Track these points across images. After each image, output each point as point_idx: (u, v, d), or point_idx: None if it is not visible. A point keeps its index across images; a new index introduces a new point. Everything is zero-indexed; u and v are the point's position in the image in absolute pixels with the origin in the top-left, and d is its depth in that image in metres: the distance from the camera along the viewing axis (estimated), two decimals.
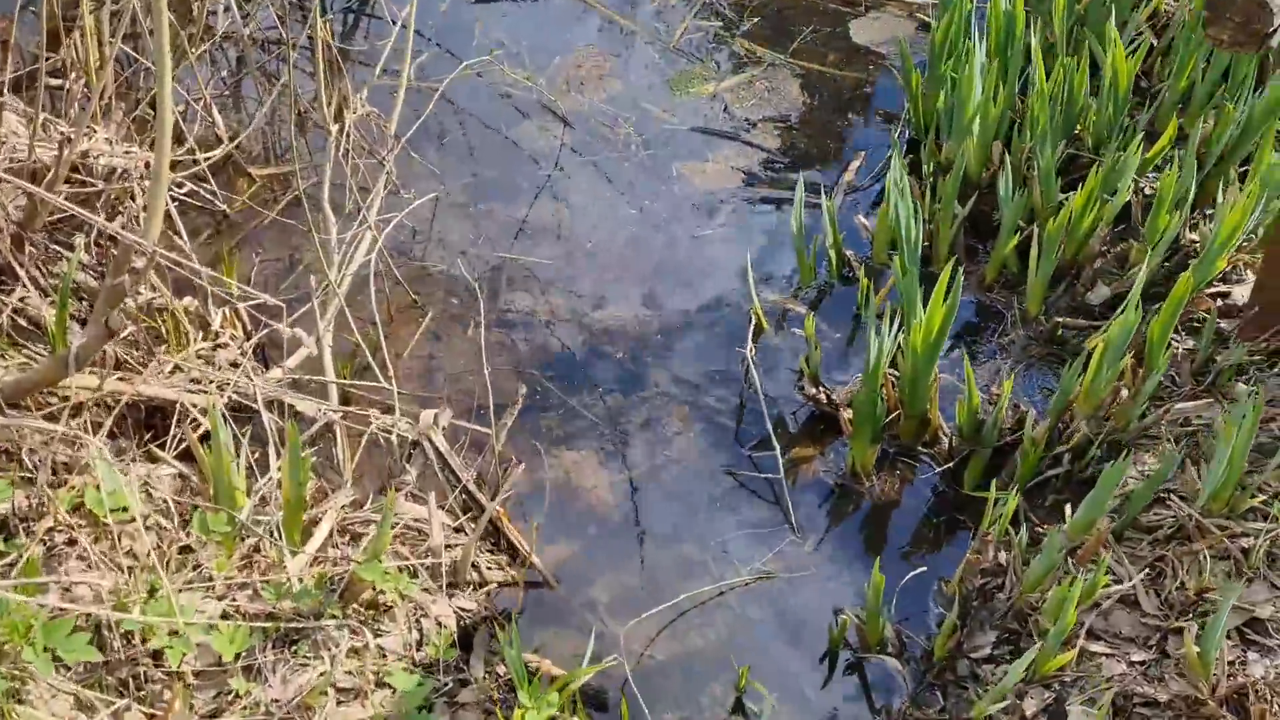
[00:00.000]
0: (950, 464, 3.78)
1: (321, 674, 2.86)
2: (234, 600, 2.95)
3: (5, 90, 3.82)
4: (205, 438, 3.30)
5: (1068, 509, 3.57)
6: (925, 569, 3.49)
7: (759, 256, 4.51)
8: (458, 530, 3.42)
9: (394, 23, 4.91)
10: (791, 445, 3.94)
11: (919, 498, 3.81)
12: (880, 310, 4.27)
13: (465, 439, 3.83)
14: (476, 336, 4.23)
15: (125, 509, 2.98)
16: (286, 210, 4.59)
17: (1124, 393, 3.69)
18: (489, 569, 3.36)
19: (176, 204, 4.33)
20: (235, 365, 3.60)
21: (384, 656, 2.98)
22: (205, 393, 3.47)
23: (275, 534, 3.11)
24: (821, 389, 3.87)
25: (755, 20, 5.60)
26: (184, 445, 3.38)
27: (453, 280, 4.44)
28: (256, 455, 3.64)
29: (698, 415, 4.04)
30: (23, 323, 3.61)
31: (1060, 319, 4.16)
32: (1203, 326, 3.85)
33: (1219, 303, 4.05)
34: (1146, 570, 3.23)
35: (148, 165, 3.88)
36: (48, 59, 4.02)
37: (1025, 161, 4.47)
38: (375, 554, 2.93)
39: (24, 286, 3.55)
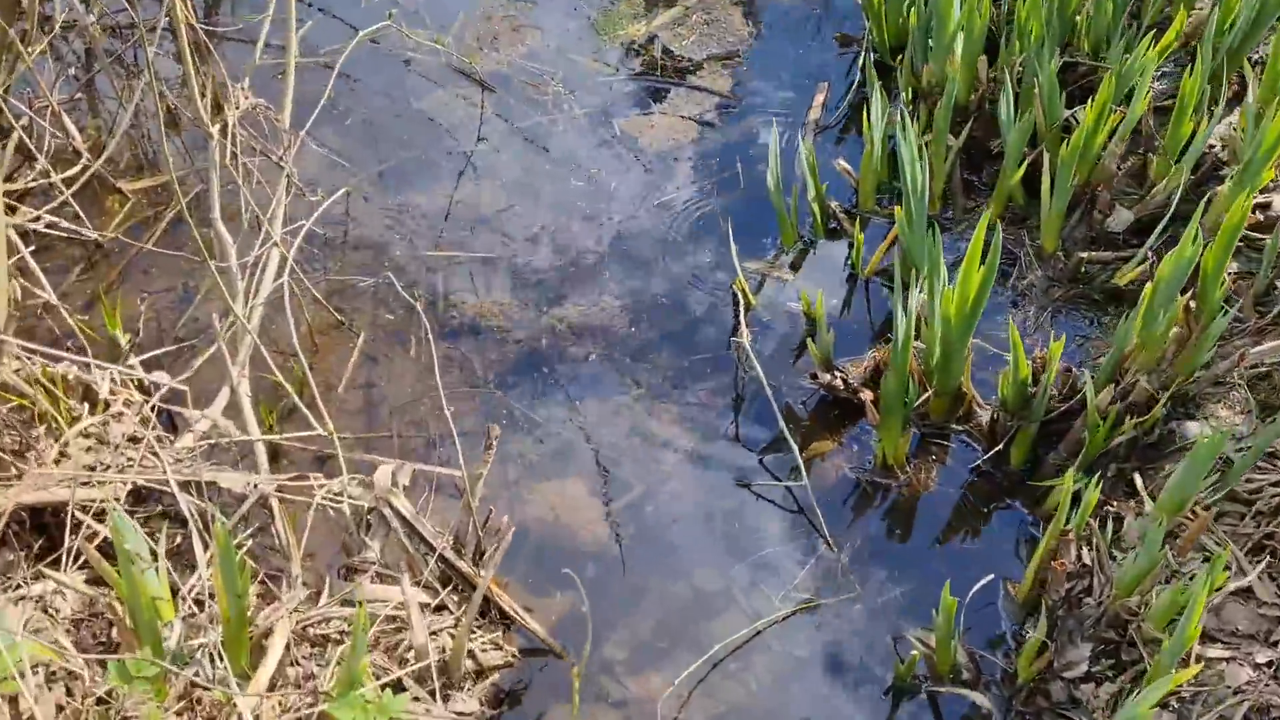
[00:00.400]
0: (994, 442, 3.26)
1: None
2: None
3: None
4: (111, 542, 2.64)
5: (1138, 480, 3.09)
6: (991, 576, 2.98)
7: (731, 219, 3.92)
8: (439, 610, 2.82)
9: None
10: (806, 440, 3.39)
11: (961, 485, 3.29)
12: (878, 267, 3.74)
13: (430, 486, 3.22)
14: (420, 355, 3.59)
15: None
16: (171, 230, 3.88)
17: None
18: (484, 651, 2.77)
19: (30, 244, 3.59)
20: (135, 440, 2.92)
21: None
22: (103, 481, 2.79)
23: (217, 658, 2.48)
24: (837, 373, 3.32)
25: None
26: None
27: (381, 290, 3.78)
28: (178, 540, 3.00)
29: (692, 418, 3.47)
30: None
31: (1083, 254, 3.65)
32: (1259, 247, 3.37)
33: (1259, 215, 3.57)
34: (1254, 551, 2.77)
35: None
36: None
37: (1017, 78, 3.92)
38: (349, 682, 2.31)
39: None
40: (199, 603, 2.70)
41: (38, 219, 3.61)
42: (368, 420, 3.49)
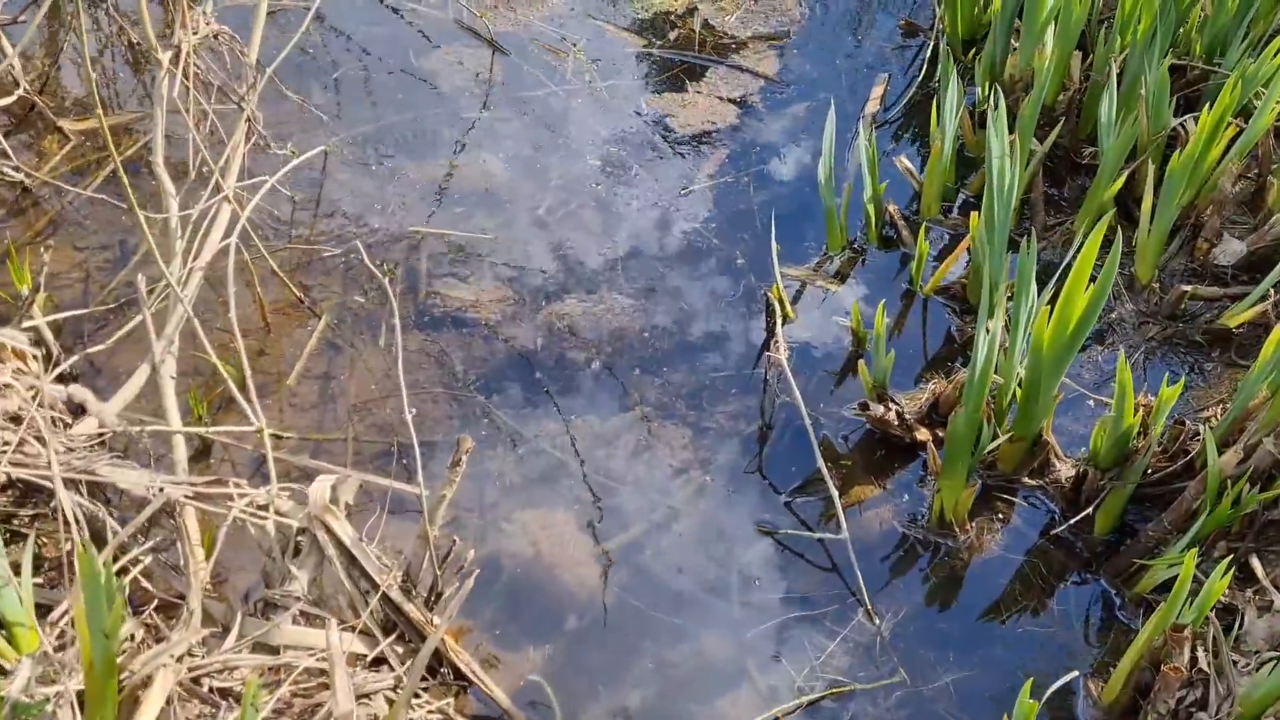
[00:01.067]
0: (1076, 503, 2.67)
1: None
2: None
3: None
4: None
5: (1255, 564, 2.51)
6: (1075, 673, 2.38)
7: (769, 217, 3.35)
8: (377, 664, 2.22)
9: None
10: (846, 484, 2.80)
11: (1031, 551, 2.71)
12: (940, 284, 3.16)
13: (384, 505, 2.63)
14: (392, 345, 3.02)
15: None
16: (112, 179, 3.31)
17: None
18: (430, 716, 2.18)
19: None
20: (17, 420, 2.33)
21: None
22: None
23: (76, 713, 1.89)
24: (891, 406, 2.73)
25: None
26: None
27: (355, 267, 3.21)
28: (68, 548, 2.42)
29: (708, 446, 2.88)
30: None
31: (1185, 287, 3.07)
32: None
33: None
34: None
35: None
36: None
37: (1117, 78, 3.36)
38: None
39: None
40: (66, 641, 2.11)
41: None
42: (321, 418, 2.91)
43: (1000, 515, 2.76)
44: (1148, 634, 2.27)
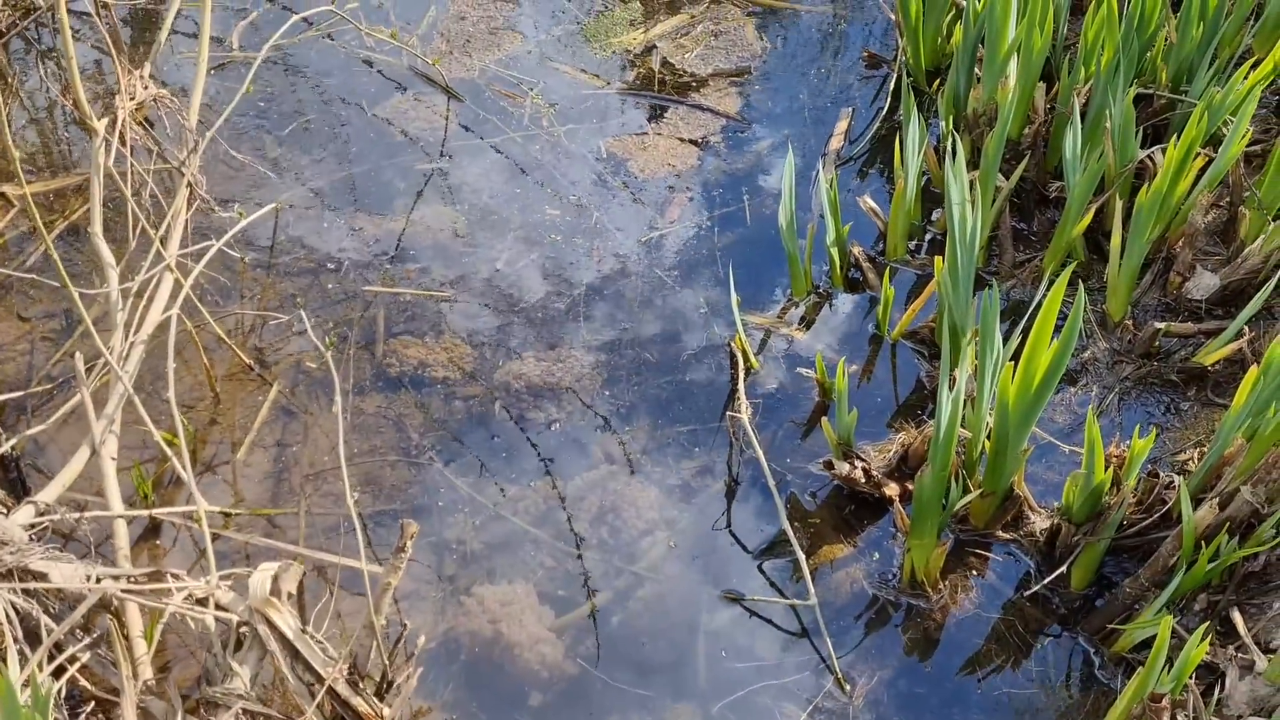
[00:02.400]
0: (1051, 558, 2.59)
1: None
2: None
3: None
4: None
5: (1237, 618, 2.42)
6: None
7: (732, 262, 3.27)
8: None
9: None
10: (815, 543, 2.72)
11: (1007, 609, 2.62)
12: (908, 328, 3.08)
13: (334, 584, 2.55)
14: (347, 409, 2.94)
15: None
16: (64, 244, 3.23)
17: None
18: None
19: None
20: None
21: None
22: None
23: None
24: (857, 463, 2.65)
25: None
26: None
27: (308, 329, 3.12)
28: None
29: (673, 507, 2.80)
30: None
31: (1158, 324, 3.00)
32: None
33: None
34: None
35: None
36: None
37: (1081, 110, 3.29)
38: None
39: None
40: None
41: None
42: (274, 490, 2.82)
43: (974, 571, 2.67)
44: (1126, 700, 2.18)
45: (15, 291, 3.18)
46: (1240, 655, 2.32)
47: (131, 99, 2.73)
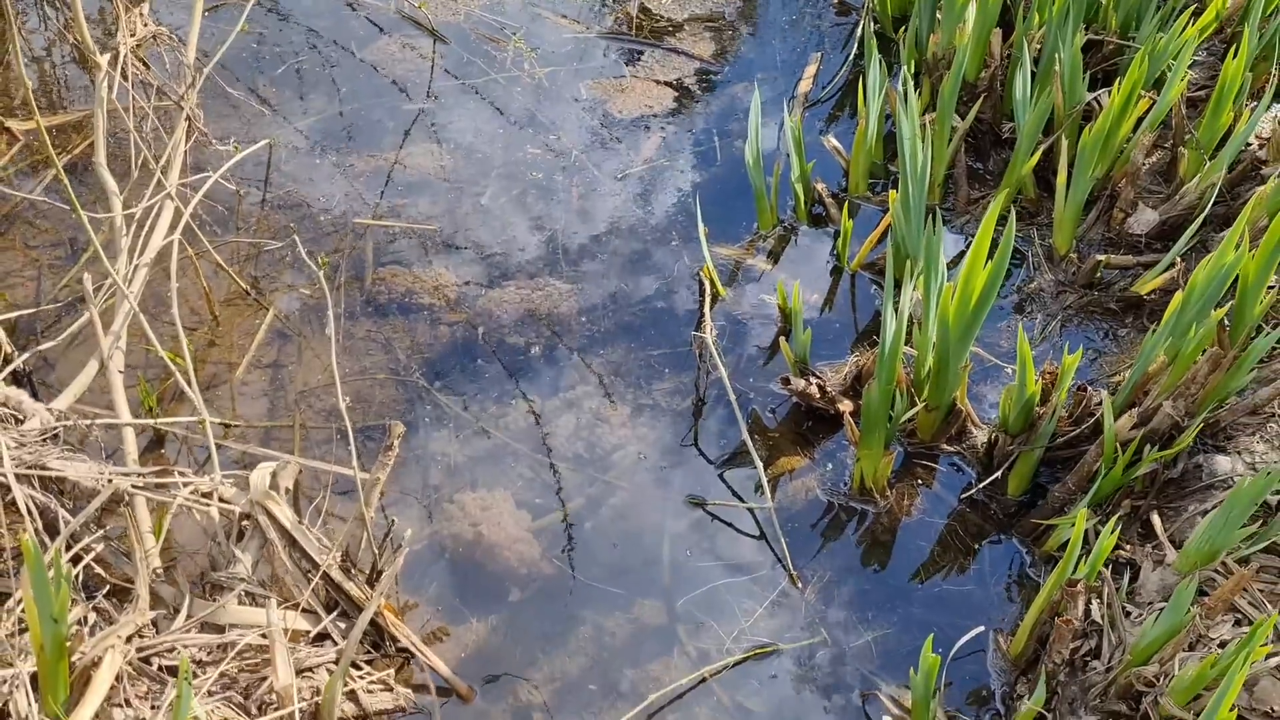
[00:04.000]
0: (989, 468, 2.81)
1: None
2: None
3: None
4: None
5: (1155, 520, 2.65)
6: (980, 628, 2.52)
7: (703, 198, 3.46)
8: (321, 640, 2.35)
9: None
10: (773, 455, 2.94)
11: (949, 514, 2.85)
12: (867, 260, 3.27)
13: (326, 488, 2.75)
14: (339, 332, 3.13)
15: None
16: (72, 177, 3.40)
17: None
18: (370, 693, 2.31)
19: None
20: None
21: None
22: None
23: (28, 697, 2.01)
24: (812, 379, 2.86)
25: None
26: None
27: (301, 258, 3.31)
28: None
29: (644, 423, 3.01)
30: None
31: (1100, 256, 3.20)
32: None
33: None
34: None
35: None
36: None
37: (1034, 56, 3.47)
38: None
39: None
40: (19, 628, 2.23)
41: None
42: (270, 406, 3.02)
43: (920, 481, 2.89)
44: (1048, 589, 2.41)
45: (21, 222, 3.35)
46: (1155, 551, 2.55)
47: (132, 35, 2.90)
